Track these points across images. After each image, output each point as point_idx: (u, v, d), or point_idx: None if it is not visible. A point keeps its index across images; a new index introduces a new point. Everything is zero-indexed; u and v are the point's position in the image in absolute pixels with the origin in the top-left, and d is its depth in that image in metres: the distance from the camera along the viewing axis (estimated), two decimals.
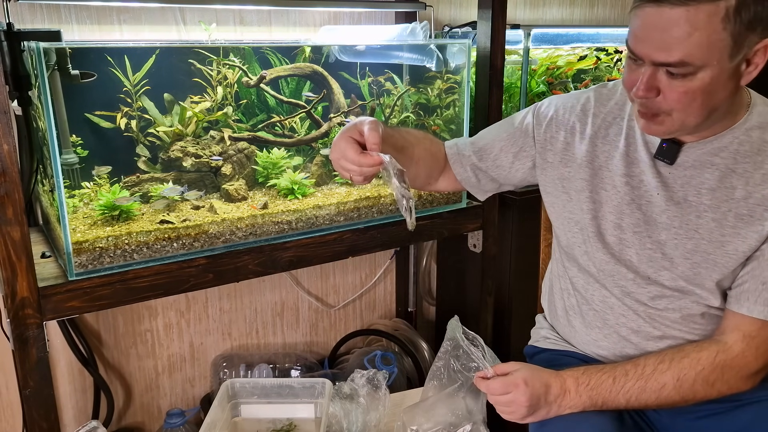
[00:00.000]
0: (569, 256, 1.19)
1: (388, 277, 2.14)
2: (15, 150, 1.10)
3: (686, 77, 0.90)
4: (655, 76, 0.93)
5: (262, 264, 1.39)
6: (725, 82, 0.92)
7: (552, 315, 1.28)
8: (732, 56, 0.90)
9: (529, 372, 1.04)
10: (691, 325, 1.08)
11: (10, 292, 1.13)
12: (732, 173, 1.01)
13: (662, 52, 0.90)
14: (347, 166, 1.01)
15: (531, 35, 1.73)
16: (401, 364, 1.85)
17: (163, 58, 1.32)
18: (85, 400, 1.70)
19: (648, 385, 1.02)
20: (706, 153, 1.03)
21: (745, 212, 1.00)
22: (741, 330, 1.01)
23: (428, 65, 1.63)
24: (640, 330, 1.11)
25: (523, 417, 1.03)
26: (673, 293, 1.08)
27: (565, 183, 1.15)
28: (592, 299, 1.15)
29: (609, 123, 1.12)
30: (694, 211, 1.04)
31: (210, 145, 1.42)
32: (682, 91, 0.91)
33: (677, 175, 1.05)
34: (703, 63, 0.89)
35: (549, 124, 1.17)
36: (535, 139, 1.18)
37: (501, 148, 1.21)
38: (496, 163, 1.22)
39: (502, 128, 1.23)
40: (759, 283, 1.00)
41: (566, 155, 1.15)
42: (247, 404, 1.43)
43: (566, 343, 1.23)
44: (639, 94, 0.94)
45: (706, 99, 0.92)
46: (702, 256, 1.04)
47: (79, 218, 1.29)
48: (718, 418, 1.07)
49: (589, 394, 1.03)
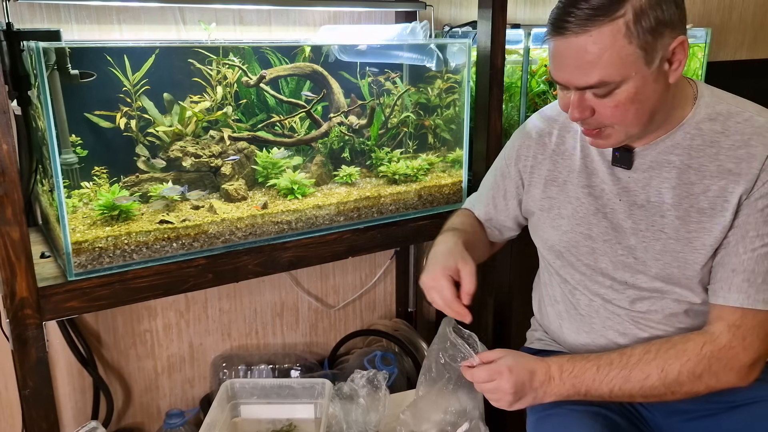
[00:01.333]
0: (552, 268, 1.21)
1: (388, 277, 2.14)
2: (14, 150, 1.09)
3: (610, 94, 0.94)
4: (584, 98, 0.96)
5: (261, 264, 1.38)
6: (653, 86, 0.94)
7: (543, 319, 1.28)
8: (649, 63, 0.92)
9: (514, 359, 1.04)
10: (676, 324, 1.08)
11: (9, 292, 1.12)
12: (689, 169, 1.02)
13: (580, 78, 0.93)
14: (438, 301, 1.08)
15: (531, 35, 1.73)
16: (401, 364, 1.85)
17: (163, 58, 1.32)
18: (84, 401, 1.70)
19: (632, 375, 1.01)
20: (661, 152, 1.04)
21: (706, 206, 1.01)
22: (724, 320, 1.01)
23: (428, 65, 1.63)
24: (627, 332, 1.11)
25: (509, 404, 1.03)
26: (651, 295, 1.08)
27: (536, 203, 1.20)
28: (578, 305, 1.17)
29: (563, 139, 1.16)
30: (657, 211, 1.04)
31: (210, 144, 1.42)
32: (613, 106, 0.95)
33: (637, 179, 1.06)
34: (621, 78, 0.92)
35: (518, 159, 1.23)
36: (511, 179, 1.25)
37: (493, 197, 1.30)
38: (497, 210, 1.29)
39: (491, 176, 1.32)
40: (729, 270, 1.00)
41: (533, 178, 1.20)
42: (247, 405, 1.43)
43: (559, 345, 1.24)
44: (574, 117, 0.98)
45: (639, 107, 0.95)
46: (672, 255, 1.04)
47: (79, 218, 1.29)
48: (713, 419, 1.07)
49: (572, 382, 1.03)
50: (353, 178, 1.58)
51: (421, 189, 1.61)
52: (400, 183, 1.61)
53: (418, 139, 1.67)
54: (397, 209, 1.57)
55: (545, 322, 1.27)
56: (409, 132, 1.66)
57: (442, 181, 1.65)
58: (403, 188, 1.59)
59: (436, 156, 1.69)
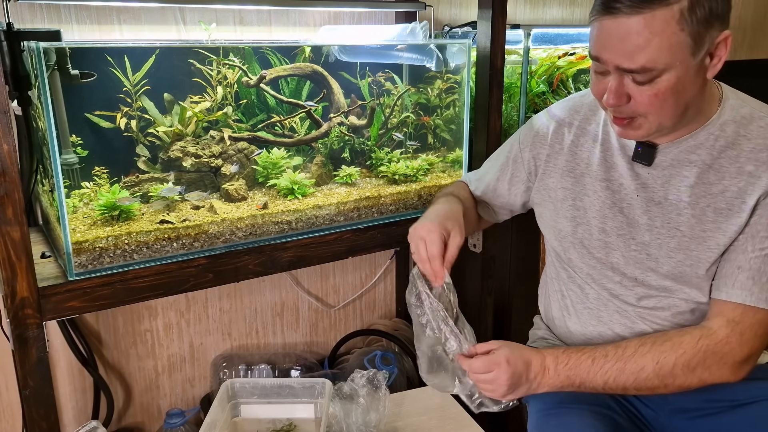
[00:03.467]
0: (561, 260, 1.21)
1: (388, 277, 2.14)
2: (15, 150, 1.10)
3: (652, 82, 0.92)
4: (623, 83, 0.94)
5: (262, 264, 1.39)
6: (693, 78, 0.93)
7: (548, 316, 1.28)
8: (694, 54, 0.91)
9: (510, 350, 1.04)
10: (682, 322, 1.09)
11: (10, 292, 1.13)
12: (709, 169, 1.02)
13: (625, 60, 0.91)
14: (422, 252, 1.07)
15: (531, 35, 1.73)
16: (401, 364, 1.85)
17: (163, 58, 1.32)
18: (85, 401, 1.70)
19: (627, 367, 1.01)
20: (683, 151, 1.04)
21: (724, 206, 1.01)
22: (724, 315, 1.01)
23: (428, 65, 1.63)
24: (634, 327, 1.11)
25: (503, 395, 1.04)
26: (660, 293, 1.08)
27: (550, 193, 1.19)
28: (586, 298, 1.16)
29: (584, 131, 1.15)
30: (674, 209, 1.05)
31: (210, 145, 1.42)
32: (652, 94, 0.93)
33: (656, 176, 1.06)
34: (666, 66, 0.90)
35: (533, 146, 1.22)
36: (523, 164, 1.24)
37: (497, 179, 1.29)
38: (496, 194, 1.29)
39: (498, 159, 1.31)
40: (734, 267, 1.01)
41: (548, 167, 1.19)
42: (247, 404, 1.43)
43: (562, 344, 1.24)
44: (610, 103, 0.96)
45: (677, 98, 0.94)
46: (685, 253, 1.04)
47: (79, 218, 1.29)
48: (715, 417, 1.07)
49: (567, 374, 1.03)
50: (353, 178, 1.58)
51: (421, 189, 1.61)
52: (400, 183, 1.61)
53: (417, 139, 1.67)
54: (397, 209, 1.58)
55: (550, 318, 1.27)
56: (409, 132, 1.66)
57: (442, 181, 1.65)
58: (403, 188, 1.60)
59: (435, 156, 1.69)
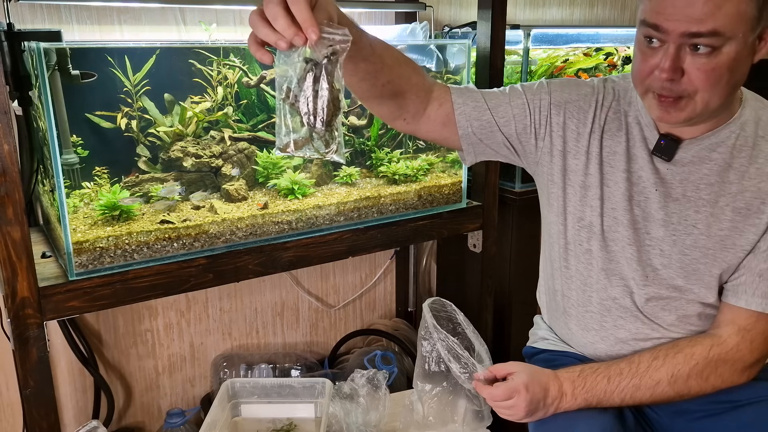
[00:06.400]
0: (566, 257, 1.16)
1: (388, 277, 2.14)
2: (15, 150, 1.10)
3: (712, 53, 0.90)
4: (679, 56, 0.91)
5: (262, 264, 1.39)
6: (746, 58, 0.92)
7: (549, 316, 1.27)
8: (753, 29, 0.90)
9: (529, 377, 1.04)
10: (688, 327, 1.08)
11: (10, 292, 1.13)
12: (729, 168, 1.02)
13: (694, 24, 0.88)
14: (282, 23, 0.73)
15: (531, 35, 1.73)
16: (401, 364, 1.85)
17: (164, 59, 1.32)
18: (85, 400, 1.70)
19: (642, 383, 1.02)
20: (704, 149, 1.03)
21: (742, 205, 1.01)
22: (736, 323, 1.01)
23: (428, 65, 1.63)
24: (638, 332, 1.10)
25: (520, 419, 1.05)
26: (670, 294, 1.07)
27: (574, 176, 1.11)
28: (589, 301, 1.15)
29: (612, 118, 1.10)
30: (692, 206, 1.04)
31: (210, 145, 1.42)
32: (710, 69, 0.90)
33: (675, 172, 1.05)
34: (731, 34, 0.89)
35: (567, 109, 1.09)
36: (549, 120, 1.10)
37: (489, 108, 1.09)
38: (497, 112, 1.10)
39: (505, 92, 1.12)
40: (755, 275, 1.01)
41: (577, 146, 1.10)
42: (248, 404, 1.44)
43: (564, 344, 1.23)
44: (664, 76, 0.92)
45: (730, 76, 0.92)
46: (701, 251, 1.04)
47: (80, 218, 1.29)
48: (717, 418, 1.07)
49: (584, 397, 1.04)
50: (353, 178, 1.58)
51: (421, 189, 1.61)
52: (400, 183, 1.62)
53: (417, 139, 1.67)
54: (397, 209, 1.58)
55: (551, 318, 1.26)
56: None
57: (442, 182, 1.65)
58: (402, 188, 1.60)
59: (435, 156, 1.70)
